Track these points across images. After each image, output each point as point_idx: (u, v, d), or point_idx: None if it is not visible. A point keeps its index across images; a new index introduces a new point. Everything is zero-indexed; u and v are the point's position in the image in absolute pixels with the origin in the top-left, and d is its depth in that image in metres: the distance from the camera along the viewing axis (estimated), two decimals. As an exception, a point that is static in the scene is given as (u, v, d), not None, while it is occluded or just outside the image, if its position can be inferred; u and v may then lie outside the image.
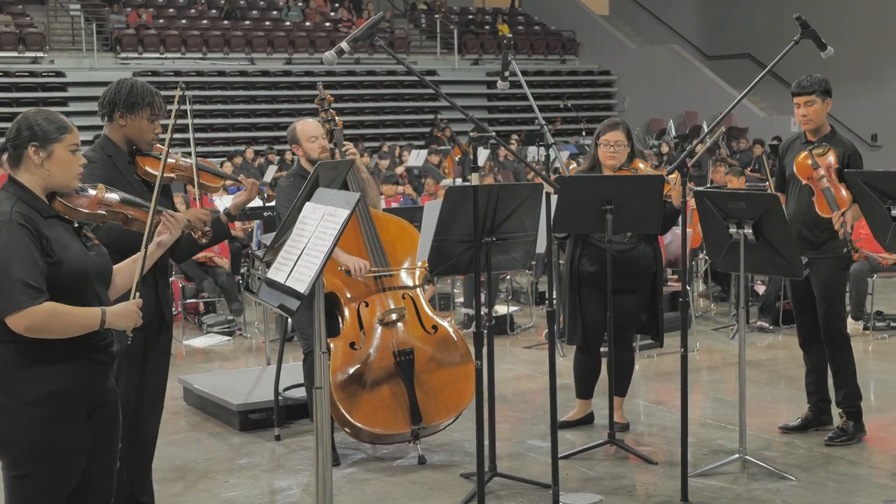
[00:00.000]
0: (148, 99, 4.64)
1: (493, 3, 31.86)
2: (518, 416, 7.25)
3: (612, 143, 6.44)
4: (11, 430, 3.53)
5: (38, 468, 3.55)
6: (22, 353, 3.51)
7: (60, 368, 3.54)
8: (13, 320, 3.43)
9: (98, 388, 3.68)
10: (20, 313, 3.41)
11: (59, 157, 3.61)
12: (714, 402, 7.56)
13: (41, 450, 3.54)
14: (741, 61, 27.38)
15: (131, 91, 4.63)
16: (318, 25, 27.59)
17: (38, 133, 3.59)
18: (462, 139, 22.34)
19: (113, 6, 26.15)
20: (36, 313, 3.42)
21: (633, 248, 6.44)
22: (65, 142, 3.62)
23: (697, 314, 10.56)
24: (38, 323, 3.43)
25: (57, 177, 3.62)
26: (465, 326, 9.81)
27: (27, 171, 3.60)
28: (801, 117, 6.33)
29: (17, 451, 3.55)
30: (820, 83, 6.31)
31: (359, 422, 5.98)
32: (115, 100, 4.62)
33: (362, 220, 6.19)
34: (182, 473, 6.15)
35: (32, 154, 3.58)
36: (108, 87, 4.69)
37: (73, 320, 3.51)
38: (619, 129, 6.47)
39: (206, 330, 10.33)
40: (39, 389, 3.51)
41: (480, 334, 5.22)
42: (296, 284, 3.85)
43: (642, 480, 5.90)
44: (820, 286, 6.30)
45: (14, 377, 3.51)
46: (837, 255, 6.29)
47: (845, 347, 6.36)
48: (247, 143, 22.82)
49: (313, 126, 6.31)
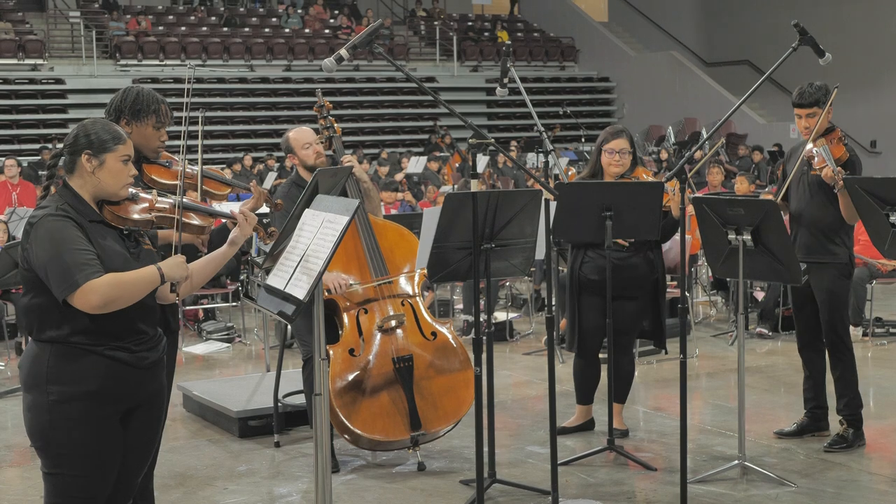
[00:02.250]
0: (154, 106, 4.67)
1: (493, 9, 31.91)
2: (517, 422, 7.25)
3: (618, 150, 6.38)
4: (40, 428, 3.65)
5: (66, 468, 3.65)
6: (56, 354, 3.61)
7: (90, 371, 3.62)
8: (81, 298, 3.50)
9: (132, 391, 3.74)
10: (84, 289, 3.49)
11: (110, 167, 3.71)
12: (713, 408, 7.56)
13: (69, 450, 3.63)
14: (740, 68, 27.42)
15: (137, 98, 4.65)
16: (318, 32, 27.63)
17: (94, 141, 3.70)
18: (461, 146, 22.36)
19: (112, 13, 26.20)
20: (101, 286, 3.50)
21: (633, 256, 6.43)
22: (117, 152, 3.72)
23: (697, 320, 10.56)
24: (107, 293, 3.51)
25: (107, 185, 3.72)
26: (464, 333, 9.82)
27: (79, 178, 3.71)
28: (802, 129, 6.31)
29: (47, 449, 3.66)
30: (823, 94, 6.26)
31: (358, 428, 5.98)
32: (121, 107, 4.64)
33: (361, 227, 6.19)
34: (182, 480, 6.15)
35: (85, 161, 3.69)
36: (114, 95, 4.73)
37: (137, 283, 3.62)
38: (623, 137, 6.42)
39: (205, 337, 10.33)
40: (68, 390, 3.60)
41: (480, 341, 5.22)
42: (295, 291, 3.86)
43: (642, 487, 5.90)
44: (822, 292, 6.30)
45: (46, 376, 3.61)
46: (839, 262, 6.28)
47: (848, 355, 6.36)
48: (246, 149, 22.86)
49: (306, 133, 6.33)
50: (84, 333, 3.61)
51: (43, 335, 3.64)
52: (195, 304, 10.95)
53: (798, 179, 6.34)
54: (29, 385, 3.67)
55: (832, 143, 6.13)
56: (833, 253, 6.26)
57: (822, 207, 6.20)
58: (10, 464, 6.67)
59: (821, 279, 6.29)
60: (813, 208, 6.25)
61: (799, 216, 6.34)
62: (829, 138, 6.15)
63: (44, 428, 3.64)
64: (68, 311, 3.58)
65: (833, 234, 6.24)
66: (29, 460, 6.66)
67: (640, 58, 29.39)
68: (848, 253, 6.29)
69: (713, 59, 29.61)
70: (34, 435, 3.70)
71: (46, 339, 3.63)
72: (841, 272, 6.30)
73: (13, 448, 6.97)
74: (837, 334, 6.33)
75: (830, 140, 6.14)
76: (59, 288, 3.52)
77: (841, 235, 6.24)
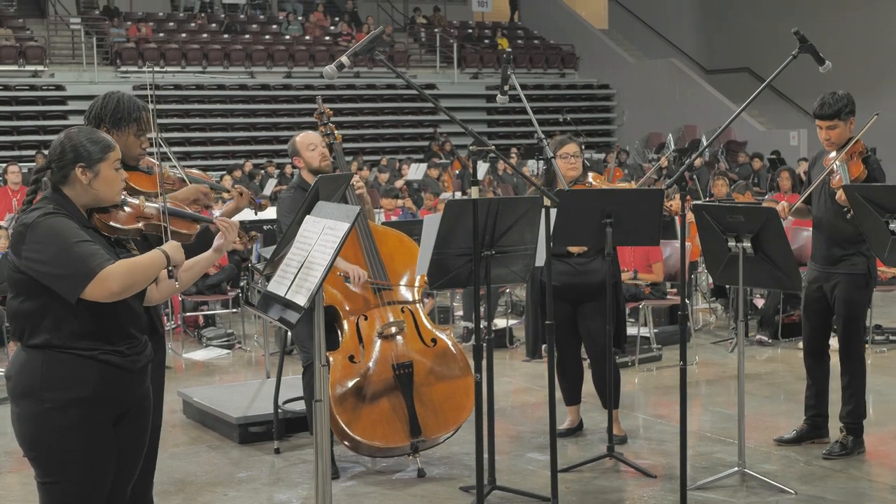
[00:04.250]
0: (135, 114, 4.54)
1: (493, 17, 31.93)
2: (517, 429, 7.25)
3: (571, 154, 6.62)
4: (36, 436, 3.60)
5: (63, 476, 3.61)
6: (49, 361, 3.56)
7: (85, 376, 3.58)
8: (99, 286, 3.47)
9: (125, 395, 3.71)
10: (101, 276, 3.46)
11: (105, 176, 3.69)
12: (713, 415, 7.56)
13: (66, 457, 3.59)
14: (740, 75, 27.43)
15: (118, 106, 4.52)
16: (318, 39, 27.65)
17: (84, 154, 3.66)
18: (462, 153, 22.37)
19: (113, 20, 26.22)
20: (118, 272, 3.49)
21: (591, 261, 6.60)
22: (109, 160, 3.70)
23: (697, 327, 10.56)
24: (124, 279, 3.50)
25: (103, 194, 3.70)
26: (464, 340, 9.82)
27: (72, 189, 3.68)
28: (824, 140, 6.34)
29: (43, 457, 3.62)
30: (844, 105, 6.26)
31: (358, 435, 5.98)
32: (101, 115, 4.51)
33: (362, 234, 6.20)
34: (181, 486, 6.15)
35: (80, 175, 3.65)
36: (93, 102, 4.59)
37: (149, 267, 3.61)
38: (574, 142, 6.70)
39: (205, 343, 10.33)
40: (63, 396, 3.56)
41: (480, 347, 5.22)
42: (296, 297, 3.86)
43: (641, 494, 5.90)
44: (840, 301, 6.31)
45: (40, 383, 3.56)
46: (858, 272, 6.28)
47: (859, 366, 6.37)
48: (246, 156, 22.86)
49: (312, 136, 6.36)
50: (77, 338, 3.57)
51: (33, 341, 3.57)
52: (195, 310, 10.95)
53: (820, 188, 6.35)
54: (19, 394, 3.60)
55: (852, 158, 6.15)
56: (852, 263, 6.27)
57: (842, 218, 6.19)
58: (10, 470, 6.66)
59: (838, 289, 6.30)
60: (832, 218, 6.25)
61: (819, 224, 6.37)
62: (850, 152, 6.17)
63: (39, 437, 3.59)
64: (62, 315, 3.53)
65: (852, 245, 6.24)
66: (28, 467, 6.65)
67: (640, 65, 29.40)
68: (867, 263, 6.29)
69: (713, 67, 29.63)
70: (29, 445, 3.63)
71: (37, 344, 3.56)
72: (859, 283, 6.30)
73: (12, 454, 6.96)
74: (852, 345, 6.34)
75: (851, 155, 6.16)
76: (73, 280, 3.46)
77: (860, 246, 6.24)
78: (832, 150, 6.34)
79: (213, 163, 22.73)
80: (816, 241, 6.44)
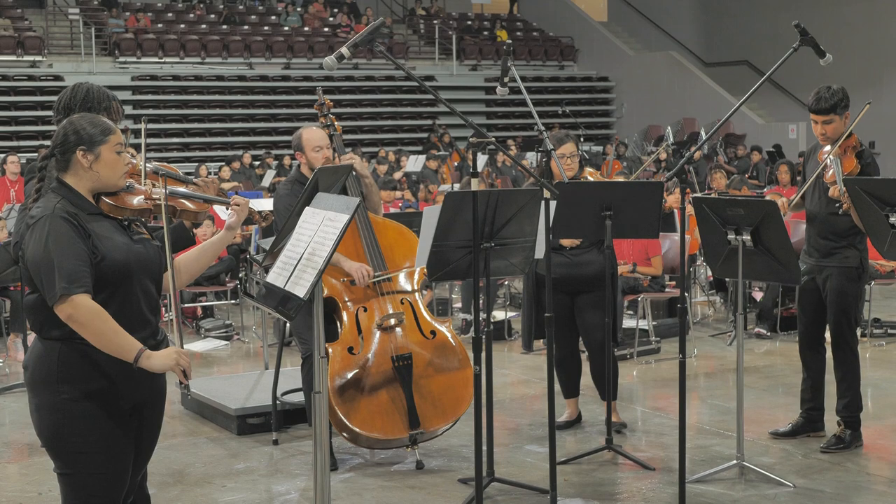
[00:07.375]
0: (105, 104, 4.52)
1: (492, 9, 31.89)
2: (516, 421, 7.25)
3: (568, 154, 6.63)
4: (54, 427, 3.60)
5: (81, 467, 3.61)
6: (65, 352, 3.57)
7: (101, 367, 3.58)
8: (61, 309, 3.47)
9: (141, 387, 3.71)
10: (71, 301, 3.45)
11: (106, 159, 3.68)
12: (711, 408, 7.56)
13: (85, 448, 3.60)
14: (739, 68, 27.43)
15: (87, 96, 4.51)
16: (317, 31, 27.61)
17: (85, 137, 3.67)
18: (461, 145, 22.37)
19: (112, 10, 26.17)
20: (80, 305, 3.46)
21: (585, 253, 6.64)
22: (110, 143, 3.70)
23: (695, 320, 10.57)
24: (80, 314, 3.47)
25: (105, 177, 3.70)
26: (463, 332, 9.82)
27: (74, 175, 3.68)
28: (819, 135, 6.32)
29: (61, 449, 3.61)
30: (839, 100, 6.23)
31: (357, 427, 5.98)
32: (70, 105, 4.48)
33: (361, 225, 6.19)
34: (180, 478, 6.15)
35: (81, 158, 3.66)
36: (62, 92, 4.57)
37: (111, 336, 3.52)
38: (570, 141, 6.70)
39: (203, 334, 10.33)
40: (81, 388, 3.57)
41: (479, 340, 5.22)
42: (295, 289, 3.86)
43: (639, 486, 5.90)
44: (832, 293, 6.31)
45: (57, 375, 3.57)
46: (850, 265, 6.29)
47: (852, 358, 6.37)
48: (245, 147, 22.84)
49: (319, 136, 6.28)
50: None
51: (50, 333, 3.59)
52: (193, 301, 10.95)
53: (814, 182, 6.35)
54: (38, 385, 3.62)
55: (845, 153, 6.14)
56: (844, 255, 6.28)
57: (834, 212, 6.18)
58: (9, 460, 6.67)
59: (830, 281, 6.30)
60: (825, 212, 6.25)
61: (813, 218, 6.37)
62: (844, 146, 6.16)
63: (57, 428, 3.59)
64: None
65: (845, 238, 6.24)
66: (27, 457, 6.67)
67: (640, 58, 29.39)
68: (860, 256, 6.29)
69: (712, 60, 29.61)
70: (47, 436, 3.64)
71: (54, 336, 3.58)
72: (851, 275, 6.30)
73: (11, 445, 6.97)
74: (843, 336, 6.34)
75: (844, 149, 6.15)
76: (47, 291, 3.48)
77: (852, 239, 6.25)
78: (827, 144, 6.33)
79: (211, 154, 22.72)
80: (809, 234, 6.45)
